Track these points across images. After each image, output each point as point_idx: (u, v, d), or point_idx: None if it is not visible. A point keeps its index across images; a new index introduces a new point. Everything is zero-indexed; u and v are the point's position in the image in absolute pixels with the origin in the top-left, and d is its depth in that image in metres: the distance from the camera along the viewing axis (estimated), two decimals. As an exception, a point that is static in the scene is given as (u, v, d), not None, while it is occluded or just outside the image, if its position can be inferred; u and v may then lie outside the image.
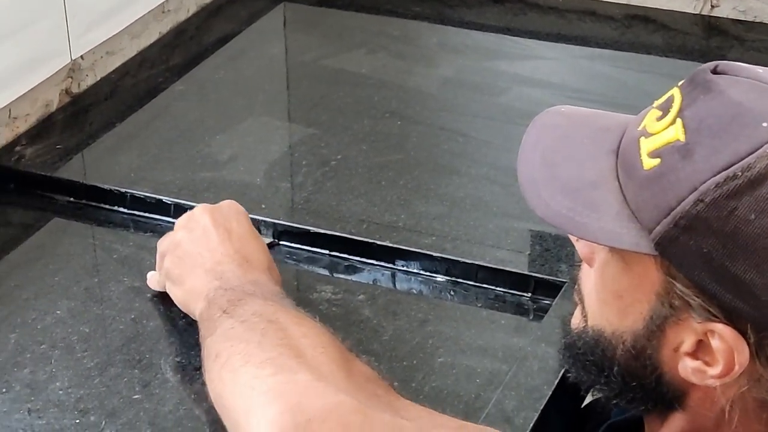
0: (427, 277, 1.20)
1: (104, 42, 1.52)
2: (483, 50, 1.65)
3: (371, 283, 1.20)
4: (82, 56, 1.49)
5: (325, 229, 1.24)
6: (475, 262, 1.19)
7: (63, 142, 1.40)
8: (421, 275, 1.21)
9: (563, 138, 0.85)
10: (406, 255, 1.21)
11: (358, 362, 0.99)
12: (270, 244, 1.22)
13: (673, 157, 0.77)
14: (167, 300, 1.13)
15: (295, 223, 1.25)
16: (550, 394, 1.03)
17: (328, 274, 1.21)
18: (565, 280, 1.16)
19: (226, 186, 1.32)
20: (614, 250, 0.82)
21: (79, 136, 1.42)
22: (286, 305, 1.02)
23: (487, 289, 1.19)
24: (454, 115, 1.49)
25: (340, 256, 1.23)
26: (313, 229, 1.24)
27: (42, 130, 1.42)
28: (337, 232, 1.24)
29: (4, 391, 1.05)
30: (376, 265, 1.22)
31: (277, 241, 1.25)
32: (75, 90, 1.49)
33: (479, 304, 1.17)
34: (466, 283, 1.19)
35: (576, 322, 0.89)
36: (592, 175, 0.82)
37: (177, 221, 1.14)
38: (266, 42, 1.66)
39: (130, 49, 1.57)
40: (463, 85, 1.56)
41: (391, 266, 1.22)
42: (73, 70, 1.48)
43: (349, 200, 1.30)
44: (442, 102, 1.52)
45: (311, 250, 1.24)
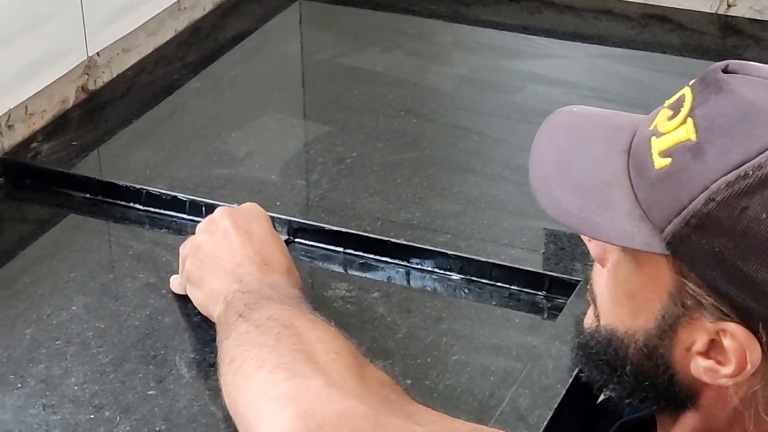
0: (441, 275, 1.20)
1: (120, 39, 1.52)
2: (499, 49, 1.65)
3: (385, 280, 1.20)
4: (98, 53, 1.49)
5: (339, 227, 1.24)
6: (490, 261, 1.19)
7: (79, 139, 1.40)
8: (436, 273, 1.21)
9: (575, 138, 0.85)
10: (421, 253, 1.21)
11: (372, 367, 0.99)
12: (285, 241, 1.22)
13: (684, 157, 0.77)
14: (182, 297, 1.13)
15: (310, 220, 1.25)
16: (564, 392, 1.03)
17: (342, 272, 1.22)
18: (579, 279, 1.16)
19: (242, 183, 1.32)
20: (626, 250, 0.82)
21: (95, 132, 1.42)
22: (302, 309, 1.02)
23: (501, 287, 1.19)
24: (470, 114, 1.49)
25: (354, 254, 1.23)
26: (328, 227, 1.24)
27: (58, 126, 1.43)
28: (351, 229, 1.24)
29: (19, 386, 1.06)
30: (391, 262, 1.22)
31: (291, 239, 1.25)
32: (91, 87, 1.49)
33: (493, 303, 1.17)
34: (481, 282, 1.19)
35: (589, 322, 0.89)
36: (604, 174, 0.82)
37: (198, 225, 1.14)
38: (282, 39, 1.66)
39: (146, 47, 1.58)
40: (479, 84, 1.56)
41: (406, 264, 1.22)
42: (89, 66, 1.48)
43: (364, 198, 1.30)
44: (458, 100, 1.52)
45: (326, 248, 1.24)
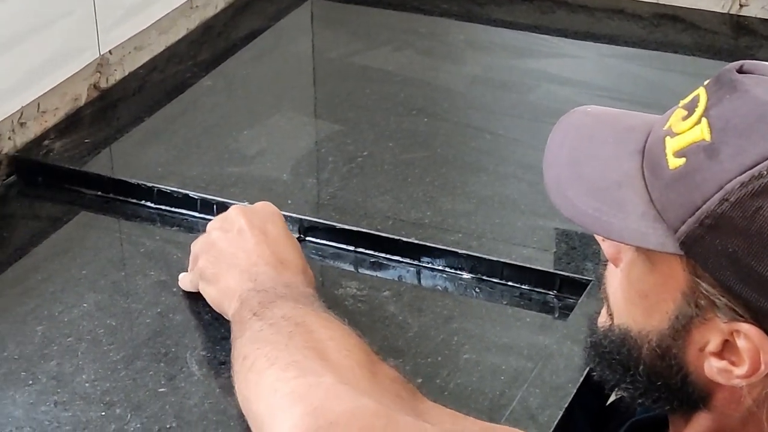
0: (452, 274, 1.20)
1: (132, 37, 1.53)
2: (511, 48, 1.64)
3: (396, 279, 1.20)
4: (110, 51, 1.49)
5: (350, 226, 1.24)
6: (501, 260, 1.19)
7: (91, 137, 1.41)
8: (447, 272, 1.21)
9: (589, 138, 0.85)
10: (432, 252, 1.21)
11: (384, 365, 0.98)
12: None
13: (699, 157, 0.77)
14: (193, 294, 1.14)
15: (321, 219, 1.25)
16: (574, 392, 1.03)
17: (353, 270, 1.22)
18: (590, 279, 1.16)
19: (253, 181, 1.32)
20: (640, 250, 0.82)
21: (107, 130, 1.43)
22: (316, 308, 1.02)
23: (512, 286, 1.19)
24: (482, 113, 1.49)
25: (365, 253, 1.23)
26: (339, 225, 1.24)
27: (70, 124, 1.43)
28: (362, 228, 1.24)
29: (30, 383, 1.06)
30: (402, 261, 1.22)
31: (302, 237, 1.25)
32: (103, 85, 1.49)
33: (504, 302, 1.17)
34: (492, 281, 1.19)
35: (602, 321, 0.89)
36: (617, 174, 0.82)
37: (210, 223, 1.14)
38: (293, 38, 1.66)
39: (158, 45, 1.58)
40: (491, 83, 1.56)
41: (417, 263, 1.22)
42: (101, 65, 1.48)
43: (375, 197, 1.30)
44: (470, 99, 1.52)
45: (337, 246, 1.24)
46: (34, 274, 1.20)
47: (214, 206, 1.26)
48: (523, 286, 1.18)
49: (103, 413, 1.02)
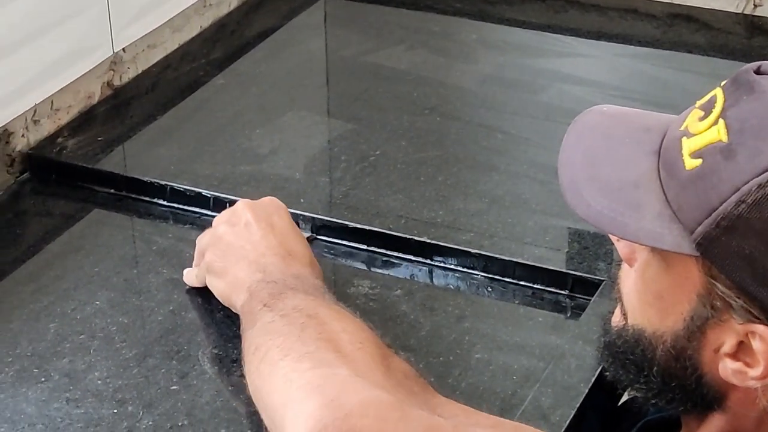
0: (464, 273, 1.20)
1: (146, 35, 1.53)
2: (523, 47, 1.64)
3: (408, 278, 1.20)
4: (124, 49, 1.50)
5: (363, 224, 1.24)
6: (513, 259, 1.19)
7: (104, 134, 1.41)
8: (459, 271, 1.21)
9: (604, 138, 0.85)
10: (444, 251, 1.21)
11: (397, 358, 0.99)
12: (308, 238, 1.22)
13: (716, 158, 0.77)
14: (205, 292, 1.14)
15: (333, 217, 1.26)
16: (586, 391, 1.03)
17: (365, 269, 1.22)
18: (602, 279, 1.16)
19: (266, 180, 1.32)
20: (655, 251, 0.82)
21: (121, 128, 1.43)
22: (327, 300, 1.02)
23: (524, 286, 1.19)
24: (494, 112, 1.49)
25: (377, 252, 1.23)
26: (351, 224, 1.24)
27: (84, 122, 1.43)
28: (375, 227, 1.24)
29: (43, 380, 1.06)
30: (414, 260, 1.22)
31: (314, 236, 1.25)
32: (117, 83, 1.50)
33: (516, 301, 1.17)
34: (504, 280, 1.19)
35: (616, 321, 0.89)
36: (633, 175, 0.81)
37: (217, 217, 1.14)
38: (306, 37, 1.66)
39: (172, 43, 1.58)
40: (503, 82, 1.55)
41: (429, 262, 1.22)
42: (115, 62, 1.49)
43: (388, 196, 1.30)
44: (482, 99, 1.52)
45: (349, 245, 1.24)
46: (47, 271, 1.20)
47: (227, 204, 1.26)
48: (535, 286, 1.18)
49: (115, 410, 1.03)
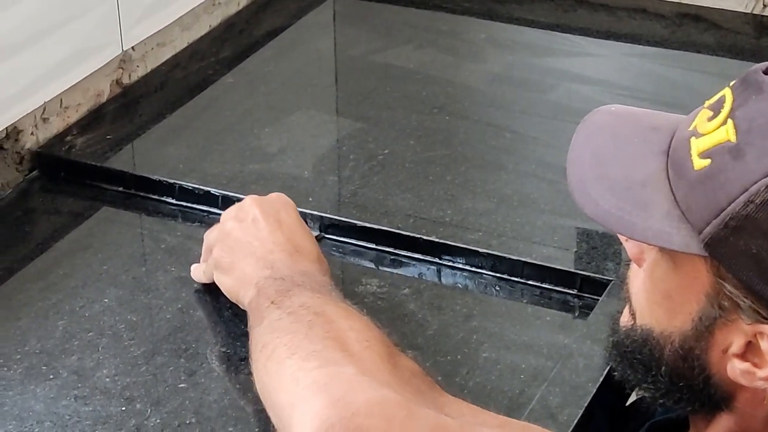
0: (472, 272, 1.20)
1: (155, 34, 1.53)
2: (532, 46, 1.64)
3: (416, 277, 1.20)
4: (133, 47, 1.50)
5: (371, 223, 1.24)
6: (521, 259, 1.19)
7: (113, 133, 1.41)
8: (467, 270, 1.21)
9: (613, 137, 0.85)
10: (452, 250, 1.21)
11: (404, 357, 0.99)
12: (316, 237, 1.22)
13: (724, 158, 0.76)
14: (214, 290, 1.14)
15: (341, 216, 1.26)
16: (594, 391, 1.03)
17: (373, 268, 1.22)
18: (611, 278, 1.16)
19: (274, 178, 1.33)
20: (664, 251, 0.82)
21: (129, 126, 1.43)
22: (334, 298, 1.02)
23: (532, 285, 1.19)
24: (502, 111, 1.49)
25: (386, 250, 1.23)
26: (360, 223, 1.24)
27: (93, 120, 1.43)
28: (383, 226, 1.24)
29: (51, 377, 1.06)
30: (422, 259, 1.22)
31: (323, 234, 1.25)
32: (126, 81, 1.50)
33: (524, 301, 1.17)
34: (512, 279, 1.19)
35: (624, 321, 0.88)
36: (641, 174, 0.81)
37: (224, 213, 1.14)
38: (315, 36, 1.66)
39: (181, 41, 1.58)
40: (512, 82, 1.55)
41: (437, 261, 1.22)
42: (124, 61, 1.49)
43: (396, 195, 1.30)
44: (490, 98, 1.52)
45: (357, 244, 1.24)
46: (56, 269, 1.20)
47: (236, 203, 1.26)
48: (544, 285, 1.18)
49: (123, 408, 1.03)
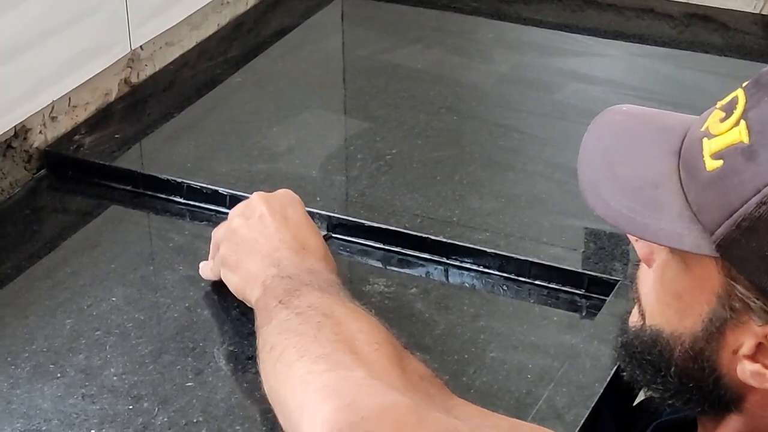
0: (480, 272, 1.20)
1: (163, 33, 1.53)
2: (540, 47, 1.64)
3: (424, 276, 1.20)
4: (141, 46, 1.50)
5: (379, 223, 1.24)
6: (529, 259, 1.19)
7: (121, 132, 1.41)
8: (474, 270, 1.21)
9: (624, 137, 0.85)
10: (460, 250, 1.21)
11: (413, 359, 0.98)
12: (324, 236, 1.22)
13: (737, 159, 0.76)
14: (221, 289, 1.14)
15: (349, 216, 1.26)
16: (601, 391, 1.03)
17: (381, 267, 1.22)
18: (618, 279, 1.16)
19: (282, 178, 1.33)
20: (674, 251, 0.82)
21: (138, 125, 1.43)
22: (342, 298, 1.02)
23: (540, 285, 1.19)
24: (510, 112, 1.49)
25: (393, 250, 1.23)
26: (368, 223, 1.24)
27: (101, 119, 1.44)
28: (391, 226, 1.24)
29: (59, 376, 1.06)
30: (430, 259, 1.22)
31: (330, 234, 1.25)
32: (134, 80, 1.50)
33: (532, 301, 1.17)
34: (519, 279, 1.19)
35: (633, 321, 0.88)
36: (653, 175, 0.81)
37: (232, 210, 1.14)
38: (323, 35, 1.66)
39: (189, 41, 1.58)
40: (520, 82, 1.55)
41: (445, 261, 1.22)
42: (132, 60, 1.49)
43: (404, 194, 1.30)
44: (498, 98, 1.52)
45: (365, 244, 1.24)
46: (64, 267, 1.20)
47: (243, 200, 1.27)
48: (551, 285, 1.18)
49: (131, 407, 1.03)
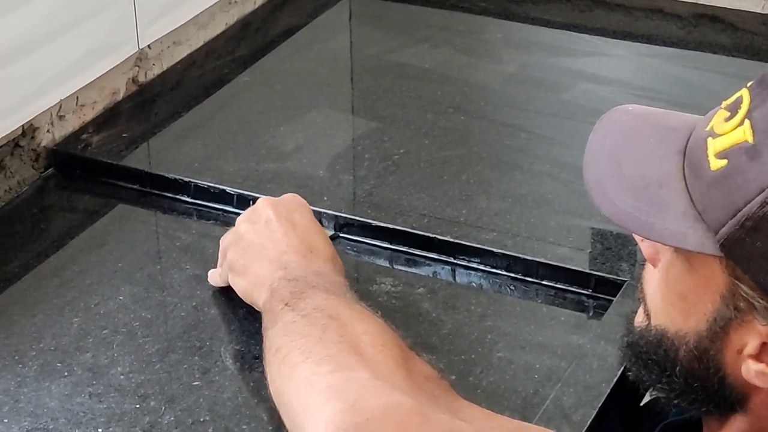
0: (487, 272, 1.20)
1: (171, 32, 1.53)
2: (548, 46, 1.64)
3: (431, 276, 1.20)
4: (149, 46, 1.50)
5: (386, 223, 1.24)
6: (536, 259, 1.19)
7: (129, 131, 1.41)
8: (481, 270, 1.20)
9: (630, 137, 0.85)
10: (467, 250, 1.21)
11: (419, 361, 0.98)
12: (331, 236, 1.23)
13: (741, 159, 0.76)
14: (228, 288, 1.14)
15: (356, 215, 1.26)
16: (608, 392, 1.03)
17: (388, 267, 1.22)
18: (625, 279, 1.16)
19: (289, 177, 1.33)
20: (679, 251, 0.82)
21: (145, 125, 1.43)
22: (348, 299, 1.02)
23: (547, 285, 1.18)
24: (518, 111, 1.49)
25: (400, 250, 1.23)
26: (375, 223, 1.25)
27: (108, 118, 1.44)
28: (398, 225, 1.24)
29: (66, 374, 1.07)
30: (437, 259, 1.22)
31: (337, 234, 1.25)
32: (142, 79, 1.50)
33: (539, 301, 1.17)
34: (526, 279, 1.19)
35: (639, 321, 0.88)
36: (658, 174, 0.81)
37: (240, 216, 1.14)
38: (331, 35, 1.66)
39: (197, 40, 1.59)
40: (527, 81, 1.55)
41: (452, 260, 1.22)
42: (140, 59, 1.49)
43: (411, 194, 1.30)
44: (506, 98, 1.52)
45: (372, 243, 1.24)
46: (71, 266, 1.21)
47: (250, 202, 1.26)
48: (558, 285, 1.18)
49: (138, 405, 1.03)
